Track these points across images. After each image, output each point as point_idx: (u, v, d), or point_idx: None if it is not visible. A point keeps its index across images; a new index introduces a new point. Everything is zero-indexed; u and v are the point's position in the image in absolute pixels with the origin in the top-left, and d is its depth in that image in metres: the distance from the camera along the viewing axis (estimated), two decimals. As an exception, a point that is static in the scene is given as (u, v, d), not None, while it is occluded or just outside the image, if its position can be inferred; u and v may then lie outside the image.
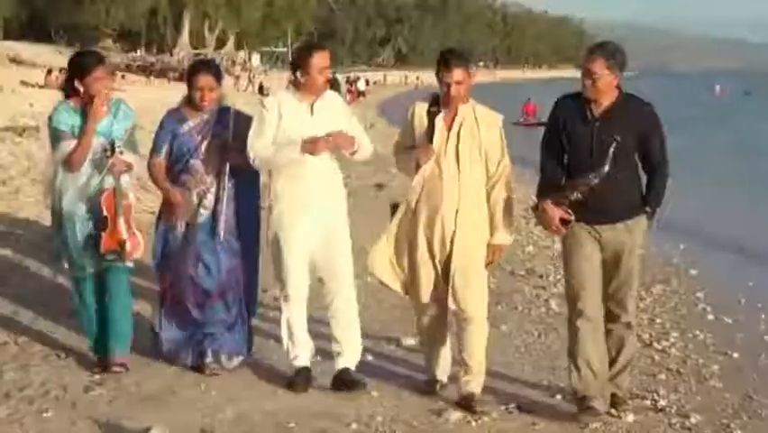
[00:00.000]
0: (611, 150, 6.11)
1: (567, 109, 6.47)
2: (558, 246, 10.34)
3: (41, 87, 42.82)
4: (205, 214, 7.37)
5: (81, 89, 7.34)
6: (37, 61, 55.56)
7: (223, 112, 7.46)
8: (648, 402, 7.27)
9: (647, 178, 6.39)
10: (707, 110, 62.24)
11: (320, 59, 6.93)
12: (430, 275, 6.84)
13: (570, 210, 6.30)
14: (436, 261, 6.77)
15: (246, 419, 6.71)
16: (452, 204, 6.64)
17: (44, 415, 6.77)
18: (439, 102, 6.73)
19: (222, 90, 7.65)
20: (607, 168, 6.12)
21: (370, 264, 7.02)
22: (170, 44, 74.30)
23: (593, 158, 6.26)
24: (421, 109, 6.78)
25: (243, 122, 7.31)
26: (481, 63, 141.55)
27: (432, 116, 6.68)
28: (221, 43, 75.24)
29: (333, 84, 57.98)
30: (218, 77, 7.49)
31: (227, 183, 7.33)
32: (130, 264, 7.57)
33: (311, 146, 6.81)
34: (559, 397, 7.39)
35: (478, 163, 6.74)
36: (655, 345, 9.20)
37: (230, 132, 7.33)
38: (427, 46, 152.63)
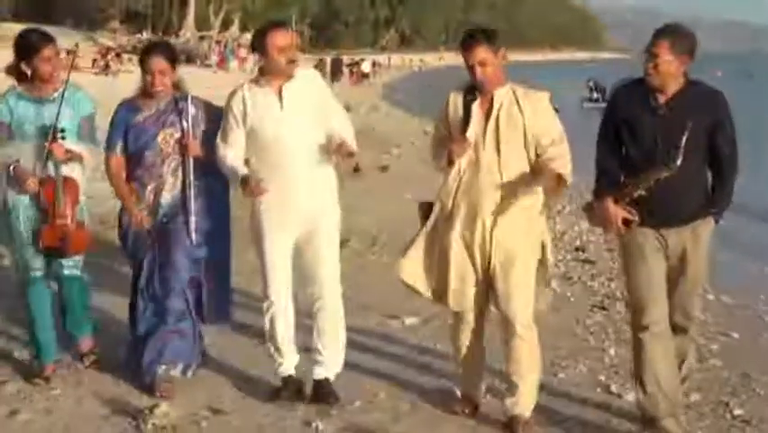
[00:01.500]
0: (683, 138, 5.47)
1: (628, 98, 5.86)
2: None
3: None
4: (161, 212, 6.83)
5: (29, 72, 6.77)
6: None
7: (180, 101, 6.81)
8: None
9: (715, 173, 5.77)
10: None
11: (279, 38, 6.29)
12: (469, 280, 6.19)
13: (632, 210, 5.72)
14: (477, 264, 6.14)
15: (252, 395, 6.79)
16: (492, 200, 6.02)
17: (52, 392, 6.78)
18: (475, 89, 6.02)
19: (178, 76, 7.00)
20: (680, 160, 5.48)
21: (400, 269, 6.42)
22: (176, 27, 74.08)
23: (659, 150, 5.65)
24: (456, 98, 6.09)
25: (204, 110, 6.90)
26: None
27: (467, 105, 6.00)
28: (226, 26, 74.88)
29: (336, 65, 57.73)
30: (172, 60, 6.84)
31: (192, 179, 6.79)
32: (78, 263, 7.01)
33: (254, 189, 6.42)
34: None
35: (522, 152, 6.06)
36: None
37: (189, 122, 6.73)
38: (431, 29, 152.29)
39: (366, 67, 69.14)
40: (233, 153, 6.38)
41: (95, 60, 45.69)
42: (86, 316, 7.15)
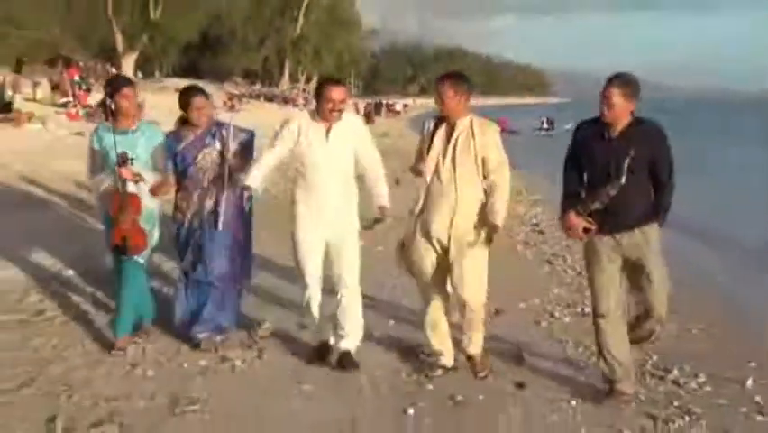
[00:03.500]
0: (626, 163, 5.10)
1: (587, 131, 5.42)
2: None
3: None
4: (205, 212, 6.15)
5: (112, 106, 6.10)
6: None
7: (218, 126, 6.26)
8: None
9: (657, 190, 5.30)
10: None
11: (332, 92, 5.69)
12: (432, 264, 5.68)
13: (591, 220, 5.27)
14: (437, 252, 5.62)
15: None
16: (449, 205, 5.50)
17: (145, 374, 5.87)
18: (443, 118, 5.67)
19: (212, 108, 6.58)
20: (623, 180, 5.12)
21: (398, 261, 6.00)
22: (277, 80, 74.14)
23: (610, 172, 5.20)
24: (429, 123, 5.67)
25: (236, 133, 6.24)
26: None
27: (435, 128, 5.63)
28: (308, 80, 75.22)
29: (378, 106, 57.10)
30: (207, 98, 6.31)
31: (226, 187, 6.13)
32: (140, 261, 6.21)
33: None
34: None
35: (473, 168, 5.53)
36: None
37: (227, 142, 6.14)
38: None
39: (398, 107, 70.34)
40: (269, 157, 5.86)
41: (224, 102, 45.69)
42: (145, 301, 6.39)
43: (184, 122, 6.31)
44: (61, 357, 5.99)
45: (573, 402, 5.43)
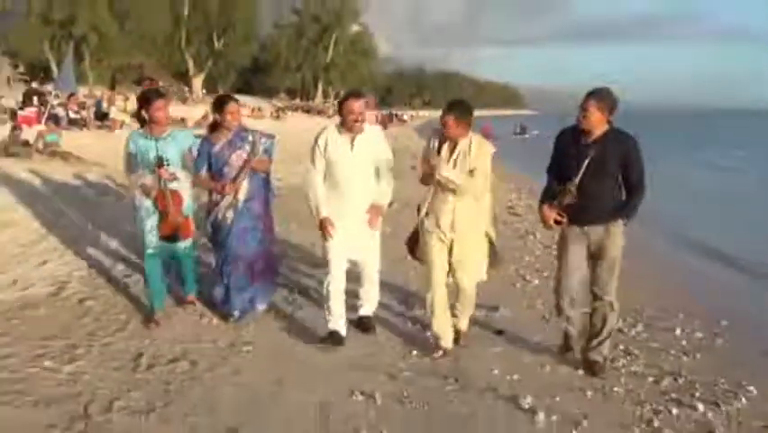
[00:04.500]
0: (584, 164, 4.69)
1: (566, 137, 4.93)
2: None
3: (248, 116, 42.58)
4: (237, 204, 5.62)
5: (147, 117, 5.59)
6: (245, 104, 55.39)
7: (243, 131, 5.64)
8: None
9: (626, 194, 4.79)
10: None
11: (352, 105, 5.16)
12: (442, 256, 5.18)
13: (562, 213, 4.83)
14: (444, 244, 5.14)
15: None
16: (451, 209, 5.03)
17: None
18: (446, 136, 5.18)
19: (241, 114, 5.87)
20: (578, 178, 4.70)
21: (409, 251, 5.55)
22: (312, 96, 73.94)
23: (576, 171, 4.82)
24: (433, 140, 5.13)
25: (260, 138, 5.65)
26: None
27: (440, 144, 5.10)
28: (336, 96, 75.22)
29: (389, 116, 56.65)
30: (238, 103, 5.78)
31: (247, 175, 5.56)
32: (188, 244, 5.83)
33: (324, 229, 5.24)
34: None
35: (469, 180, 5.06)
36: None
37: (252, 146, 5.58)
38: (440, 99, 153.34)
39: (405, 117, 69.99)
40: (318, 179, 5.28)
41: (272, 113, 45.80)
42: (193, 280, 6.10)
43: (214, 128, 5.82)
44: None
45: (541, 346, 5.44)
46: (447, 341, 5.32)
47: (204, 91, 54.78)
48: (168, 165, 5.58)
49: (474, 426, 4.19)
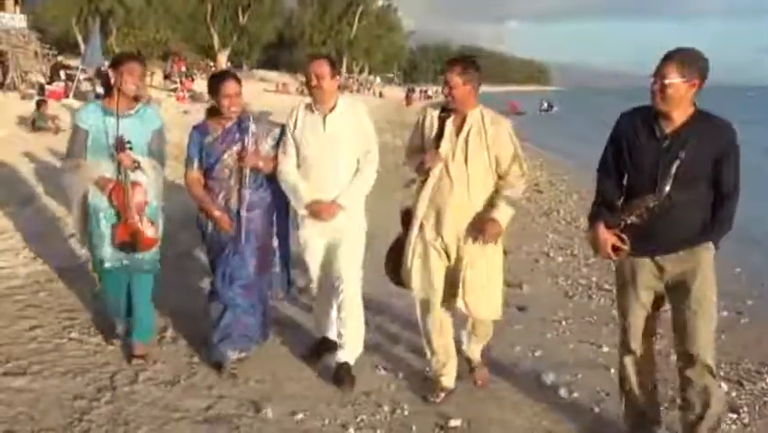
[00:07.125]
0: (673, 169, 3.14)
1: (632, 124, 3.32)
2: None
3: (273, 92, 42.69)
4: (230, 215, 4.30)
5: (112, 80, 4.17)
6: (270, 79, 55.49)
7: (244, 120, 4.29)
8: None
9: (715, 204, 3.24)
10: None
11: (316, 67, 4.12)
12: (441, 277, 3.96)
13: (624, 237, 3.33)
14: (443, 263, 3.93)
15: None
16: (459, 208, 3.84)
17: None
18: (449, 108, 3.90)
19: (243, 98, 4.38)
20: (667, 189, 3.18)
21: (384, 267, 4.25)
22: (337, 71, 73.95)
23: (657, 179, 3.21)
24: (431, 113, 3.94)
25: (265, 127, 4.34)
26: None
27: (442, 121, 3.87)
28: (361, 71, 74.97)
29: (412, 90, 57.14)
30: (240, 84, 4.33)
31: (250, 180, 4.23)
32: (151, 257, 4.40)
33: (315, 211, 4.18)
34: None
35: (487, 167, 3.85)
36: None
37: (250, 138, 4.21)
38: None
39: (430, 92, 69.35)
40: (291, 167, 4.23)
41: (297, 88, 45.98)
42: (149, 317, 4.59)
43: (212, 113, 4.43)
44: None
45: (564, 323, 5.41)
46: (450, 380, 4.21)
47: (229, 65, 55.26)
48: (130, 149, 4.24)
49: (496, 402, 4.15)
